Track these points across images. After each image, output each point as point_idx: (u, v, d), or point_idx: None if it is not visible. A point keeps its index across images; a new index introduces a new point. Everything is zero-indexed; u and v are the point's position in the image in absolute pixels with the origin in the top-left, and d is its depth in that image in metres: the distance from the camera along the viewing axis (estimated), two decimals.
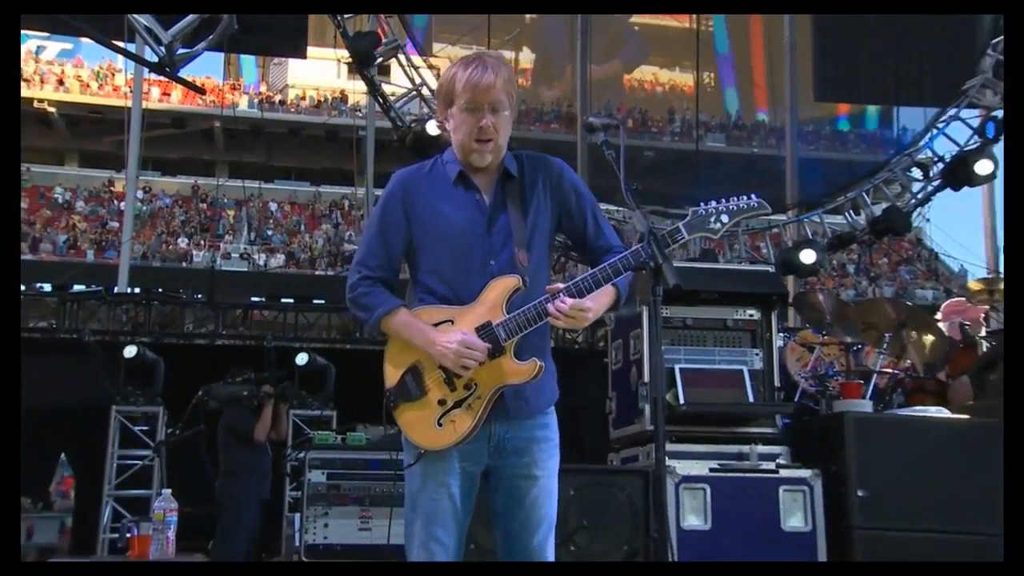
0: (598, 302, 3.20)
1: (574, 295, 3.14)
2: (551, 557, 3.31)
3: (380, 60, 13.57)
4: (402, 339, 3.31)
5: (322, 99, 43.33)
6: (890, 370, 7.43)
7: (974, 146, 15.92)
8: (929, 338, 7.59)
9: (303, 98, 43.85)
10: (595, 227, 3.40)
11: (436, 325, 3.23)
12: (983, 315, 8.06)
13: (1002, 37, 15.97)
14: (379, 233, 3.38)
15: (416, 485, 3.30)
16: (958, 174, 15.94)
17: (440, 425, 3.23)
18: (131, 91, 20.61)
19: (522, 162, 3.41)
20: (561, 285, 3.16)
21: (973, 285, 9.33)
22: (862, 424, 5.88)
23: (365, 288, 3.33)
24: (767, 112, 37.80)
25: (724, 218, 3.30)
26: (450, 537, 3.27)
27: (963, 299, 8.88)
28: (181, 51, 11.34)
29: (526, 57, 38.77)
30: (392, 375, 3.31)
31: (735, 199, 3.35)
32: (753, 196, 3.37)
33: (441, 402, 3.24)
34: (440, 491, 3.26)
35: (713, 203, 3.31)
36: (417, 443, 3.27)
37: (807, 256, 14.96)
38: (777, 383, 6.10)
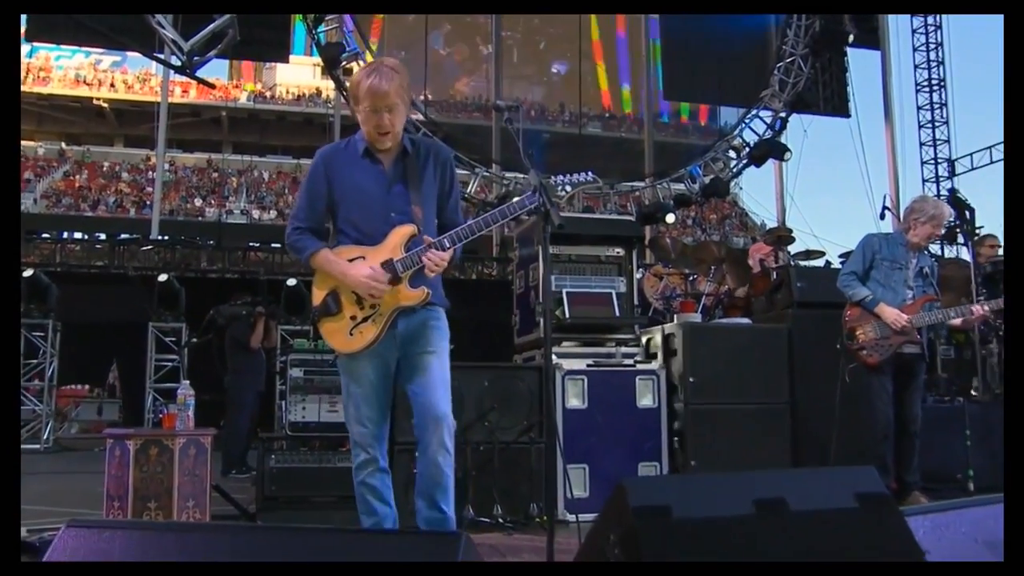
0: (450, 256, 3.20)
1: (440, 249, 3.15)
2: (447, 411, 3.22)
3: (344, 64, 13.60)
4: (324, 271, 3.30)
5: (302, 94, 42.95)
6: (714, 293, 7.52)
7: (768, 136, 16.42)
8: (740, 270, 7.68)
9: (287, 93, 43.40)
10: (452, 209, 3.41)
11: (351, 261, 3.23)
12: (773, 254, 8.15)
13: (785, 62, 16.35)
14: (307, 194, 3.37)
15: (347, 379, 3.31)
16: (759, 155, 16.40)
17: (351, 335, 3.23)
18: (160, 89, 20.39)
19: (417, 143, 3.40)
20: (433, 240, 3.17)
21: (767, 235, 9.48)
22: (693, 331, 5.91)
23: (297, 235, 3.32)
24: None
25: (568, 187, 3.33)
26: (376, 414, 3.28)
27: (762, 243, 8.98)
28: (196, 58, 11.16)
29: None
30: (317, 296, 3.32)
31: (576, 175, 3.36)
32: (589, 173, 3.38)
33: (352, 317, 3.24)
34: (363, 381, 3.26)
35: (561, 177, 3.32)
36: (335, 348, 3.30)
37: (669, 218, 15.33)
38: (636, 303, 6.11)
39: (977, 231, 7.05)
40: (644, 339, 6.06)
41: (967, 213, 6.14)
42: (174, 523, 4.20)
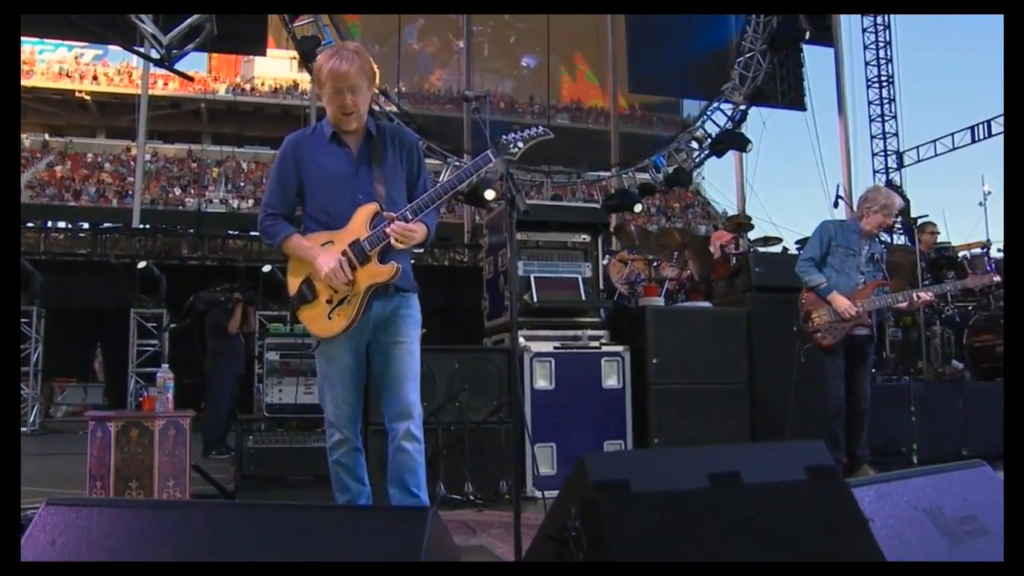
0: (420, 229, 3.17)
1: (403, 220, 3.11)
2: (415, 403, 3.23)
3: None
4: (297, 256, 3.25)
5: (279, 86, 42.43)
6: (676, 278, 7.54)
7: (729, 127, 16.50)
8: (701, 256, 7.71)
9: (264, 85, 42.96)
10: (423, 188, 3.33)
11: (322, 246, 3.18)
12: (733, 241, 8.20)
13: (745, 57, 16.44)
14: (277, 181, 3.31)
15: (323, 362, 3.27)
16: (720, 146, 16.47)
17: (330, 319, 3.19)
18: (141, 82, 20.04)
19: (382, 128, 3.36)
20: (395, 215, 3.12)
21: (728, 222, 9.53)
22: (657, 314, 5.94)
23: (270, 222, 3.27)
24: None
25: (520, 144, 3.24)
26: (351, 395, 3.26)
27: (723, 231, 9.03)
28: (174, 51, 11.00)
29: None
30: (293, 285, 3.27)
31: (527, 130, 3.29)
32: (539, 127, 3.32)
33: (329, 301, 3.19)
34: (339, 364, 3.23)
35: (512, 134, 3.25)
36: (315, 334, 3.24)
37: (637, 207, 15.35)
38: (601, 287, 6.11)
39: (917, 220, 7.17)
40: (610, 322, 6.07)
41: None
42: (150, 500, 4.16)
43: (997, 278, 6.07)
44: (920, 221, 7.88)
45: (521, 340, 5.51)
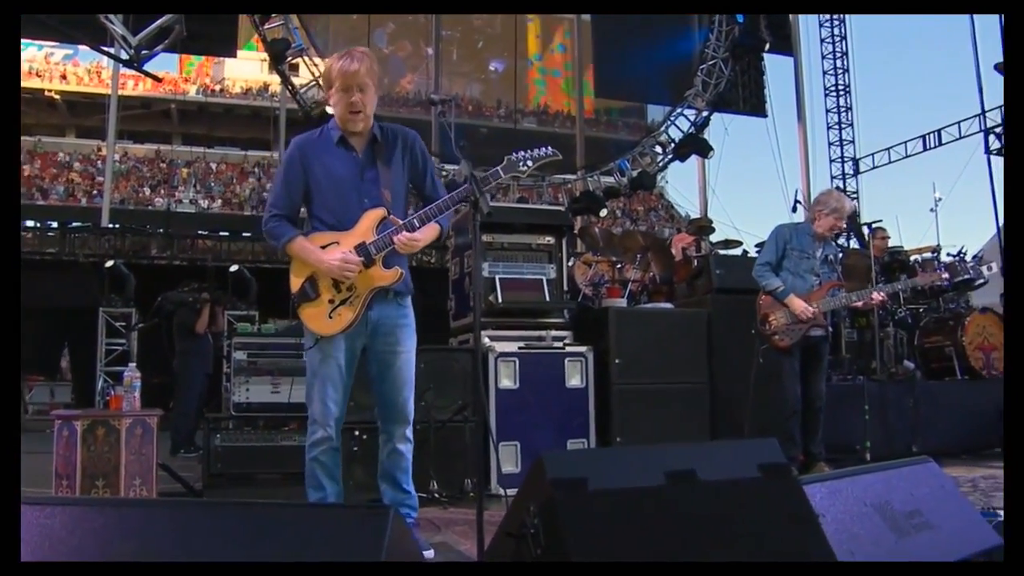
0: (425, 234, 3.21)
1: (409, 230, 3.16)
2: (411, 409, 3.36)
3: (289, 59, 13.33)
4: (301, 258, 3.25)
5: (249, 88, 42.04)
6: (640, 280, 7.58)
7: (692, 132, 16.65)
8: (664, 258, 7.76)
9: (235, 87, 42.56)
10: (431, 183, 3.40)
11: (325, 247, 3.20)
12: (695, 243, 8.26)
13: (708, 64, 16.58)
14: (284, 183, 3.32)
15: (316, 359, 3.27)
16: (683, 151, 16.59)
17: (331, 318, 3.21)
18: (111, 82, 19.78)
19: (386, 130, 3.37)
20: (401, 221, 3.17)
21: (690, 225, 9.61)
22: (620, 315, 5.97)
23: (275, 223, 3.27)
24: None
25: (529, 162, 3.31)
26: (339, 395, 3.28)
27: (685, 233, 9.10)
28: (144, 51, 10.87)
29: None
30: (295, 283, 3.27)
31: (536, 149, 3.34)
32: (548, 148, 3.37)
33: (331, 301, 3.21)
34: (332, 363, 3.24)
35: (521, 152, 3.31)
36: (315, 332, 3.25)
37: (603, 212, 15.42)
38: (565, 288, 6.12)
39: (869, 225, 7.31)
40: (573, 323, 6.08)
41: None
42: (115, 499, 4.11)
43: (945, 275, 6.24)
44: (872, 226, 8.01)
45: (486, 340, 5.51)
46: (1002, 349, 7.49)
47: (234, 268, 11.21)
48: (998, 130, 16.99)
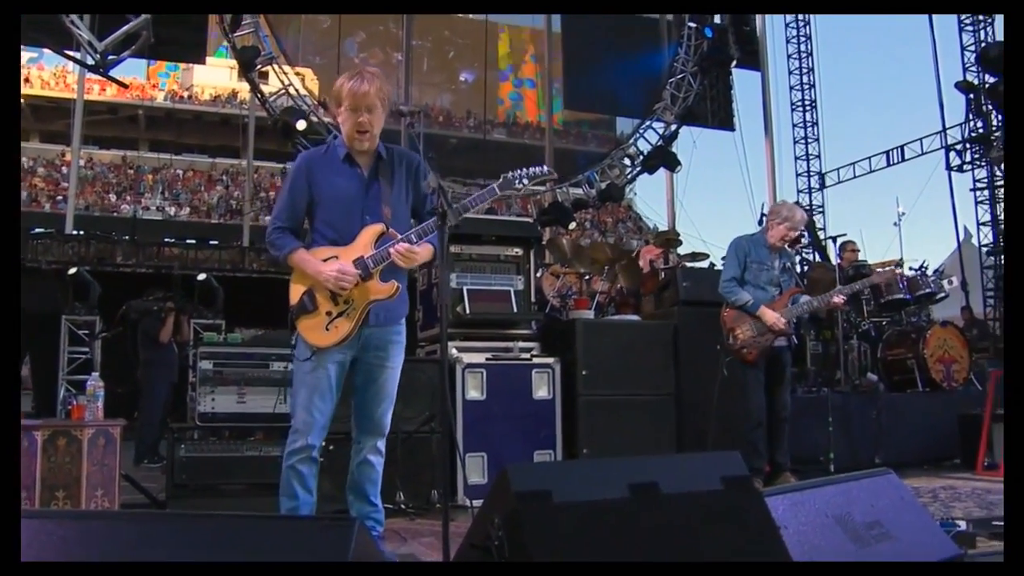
0: (424, 250, 3.27)
1: (408, 242, 3.21)
2: (387, 423, 3.42)
3: (259, 67, 13.25)
4: (300, 269, 3.30)
5: (218, 95, 41.74)
6: (607, 291, 7.63)
7: (661, 145, 16.80)
8: (631, 270, 7.82)
9: (204, 93, 42.24)
10: (429, 206, 3.40)
11: (325, 260, 3.25)
12: (662, 255, 8.32)
13: (676, 78, 16.76)
14: (288, 196, 3.38)
15: (306, 369, 3.29)
16: (652, 163, 16.73)
17: (328, 330, 3.26)
18: (77, 87, 19.53)
19: (391, 150, 3.43)
20: (401, 236, 3.23)
21: (657, 237, 9.70)
22: (587, 327, 6.00)
23: (278, 235, 3.33)
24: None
25: (524, 180, 3.38)
26: (326, 405, 3.30)
27: (653, 245, 9.17)
28: (111, 57, 10.74)
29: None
30: (295, 294, 3.32)
31: (532, 168, 3.41)
32: (544, 167, 3.45)
33: (328, 313, 3.26)
34: (322, 373, 3.27)
35: (519, 171, 3.37)
36: (312, 343, 3.28)
37: (571, 224, 15.46)
38: (533, 300, 6.14)
39: (835, 239, 7.47)
40: (541, 334, 6.09)
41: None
42: (75, 511, 4.05)
43: (899, 270, 6.77)
44: (841, 240, 8.16)
45: (453, 351, 5.51)
46: (962, 362, 7.64)
47: (202, 277, 11.10)
48: (958, 147, 17.32)
